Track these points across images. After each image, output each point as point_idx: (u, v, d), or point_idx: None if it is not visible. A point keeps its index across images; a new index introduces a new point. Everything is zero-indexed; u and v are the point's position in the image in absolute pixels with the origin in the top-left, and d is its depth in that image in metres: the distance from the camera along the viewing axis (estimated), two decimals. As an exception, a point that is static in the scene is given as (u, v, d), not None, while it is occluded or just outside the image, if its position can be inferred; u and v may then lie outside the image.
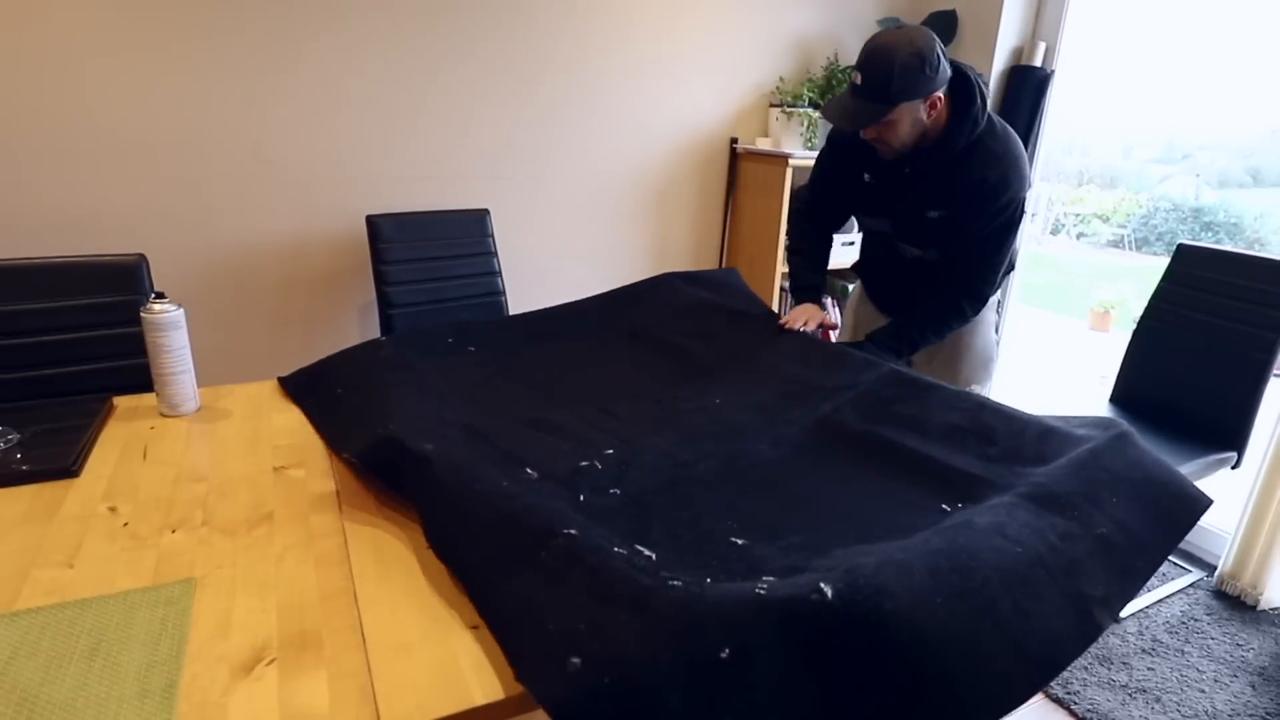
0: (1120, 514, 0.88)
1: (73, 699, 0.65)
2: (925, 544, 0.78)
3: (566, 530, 0.81)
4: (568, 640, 0.68)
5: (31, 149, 1.78)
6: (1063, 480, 0.91)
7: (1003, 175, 1.42)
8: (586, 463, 1.04)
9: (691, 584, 0.74)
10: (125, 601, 0.78)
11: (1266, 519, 1.98)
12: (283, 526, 0.93)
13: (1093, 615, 0.76)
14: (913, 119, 1.37)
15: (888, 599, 0.69)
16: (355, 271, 2.22)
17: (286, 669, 0.70)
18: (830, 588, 0.70)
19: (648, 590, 0.72)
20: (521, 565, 0.79)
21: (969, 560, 0.76)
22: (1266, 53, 2.37)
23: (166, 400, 1.24)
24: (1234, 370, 1.95)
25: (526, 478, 0.98)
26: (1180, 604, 2.03)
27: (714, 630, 0.67)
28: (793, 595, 0.70)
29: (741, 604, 0.69)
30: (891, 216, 1.60)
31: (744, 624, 0.67)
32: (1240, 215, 2.94)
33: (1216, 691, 1.71)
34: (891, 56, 1.30)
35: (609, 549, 0.80)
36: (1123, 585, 0.81)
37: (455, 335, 1.50)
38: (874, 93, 1.34)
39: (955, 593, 0.72)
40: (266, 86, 1.97)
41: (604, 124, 2.47)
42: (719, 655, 0.65)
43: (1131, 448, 0.99)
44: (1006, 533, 0.80)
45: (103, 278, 1.49)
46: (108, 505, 0.97)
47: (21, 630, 0.73)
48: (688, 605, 0.69)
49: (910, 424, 1.13)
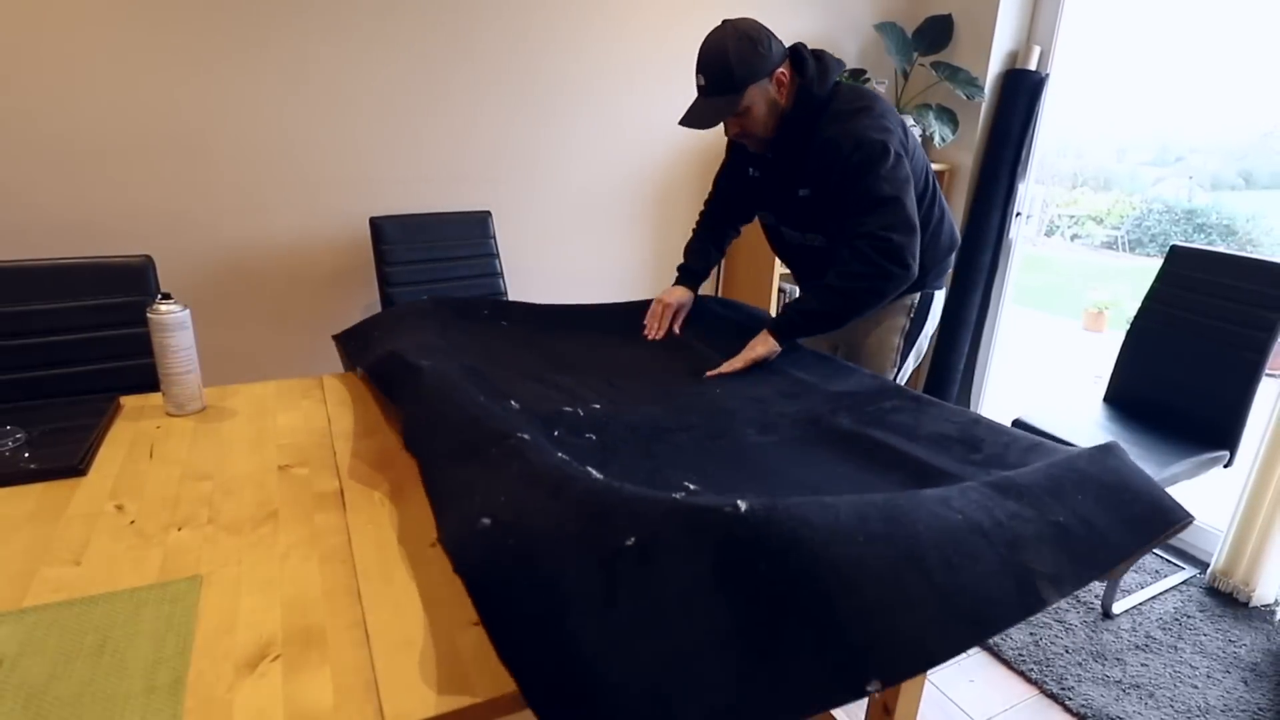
0: (1083, 509, 0.85)
1: (80, 695, 0.65)
2: (861, 497, 0.76)
3: (520, 434, 0.86)
4: (486, 506, 0.72)
5: (41, 152, 1.78)
6: (1028, 475, 0.89)
7: (845, 129, 1.37)
8: (570, 409, 1.09)
9: (614, 480, 0.75)
10: (132, 599, 0.78)
11: (1258, 517, 1.98)
12: (287, 525, 0.93)
13: (1036, 587, 0.73)
14: (766, 102, 1.38)
15: (804, 526, 0.68)
16: (359, 272, 2.22)
17: (291, 665, 0.70)
18: (746, 504, 0.69)
19: (570, 479, 0.74)
20: (471, 456, 0.83)
21: (902, 515, 0.74)
22: (1258, 57, 2.37)
23: (173, 400, 1.24)
24: (1226, 370, 1.95)
25: (508, 406, 1.04)
26: (1173, 601, 2.03)
27: (622, 518, 0.67)
28: (707, 504, 0.70)
29: (655, 502, 0.70)
30: (772, 206, 1.60)
31: (653, 520, 0.68)
32: (1232, 217, 2.94)
33: (1209, 687, 1.71)
34: (724, 47, 1.33)
35: (554, 453, 0.83)
36: (1077, 569, 0.77)
37: (491, 309, 1.59)
38: (720, 86, 1.35)
39: (879, 536, 0.70)
40: (272, 91, 1.97)
41: (604, 128, 2.47)
42: (624, 542, 0.65)
43: (1113, 457, 0.96)
44: (951, 504, 0.78)
45: (110, 279, 1.49)
46: (114, 504, 0.97)
47: (29, 627, 0.73)
48: (601, 494, 0.71)
49: (900, 429, 1.12)
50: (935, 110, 2.65)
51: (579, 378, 1.27)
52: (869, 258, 1.37)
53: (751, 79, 1.34)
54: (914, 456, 1.03)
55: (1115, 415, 2.13)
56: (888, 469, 1.01)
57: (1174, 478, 1.84)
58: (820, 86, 1.39)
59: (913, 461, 1.02)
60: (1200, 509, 2.29)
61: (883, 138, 1.36)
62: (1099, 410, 2.17)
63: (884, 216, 1.37)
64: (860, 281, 1.39)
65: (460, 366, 1.13)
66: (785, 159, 1.48)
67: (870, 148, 1.35)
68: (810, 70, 1.39)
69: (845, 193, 1.39)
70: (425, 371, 1.06)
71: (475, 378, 1.11)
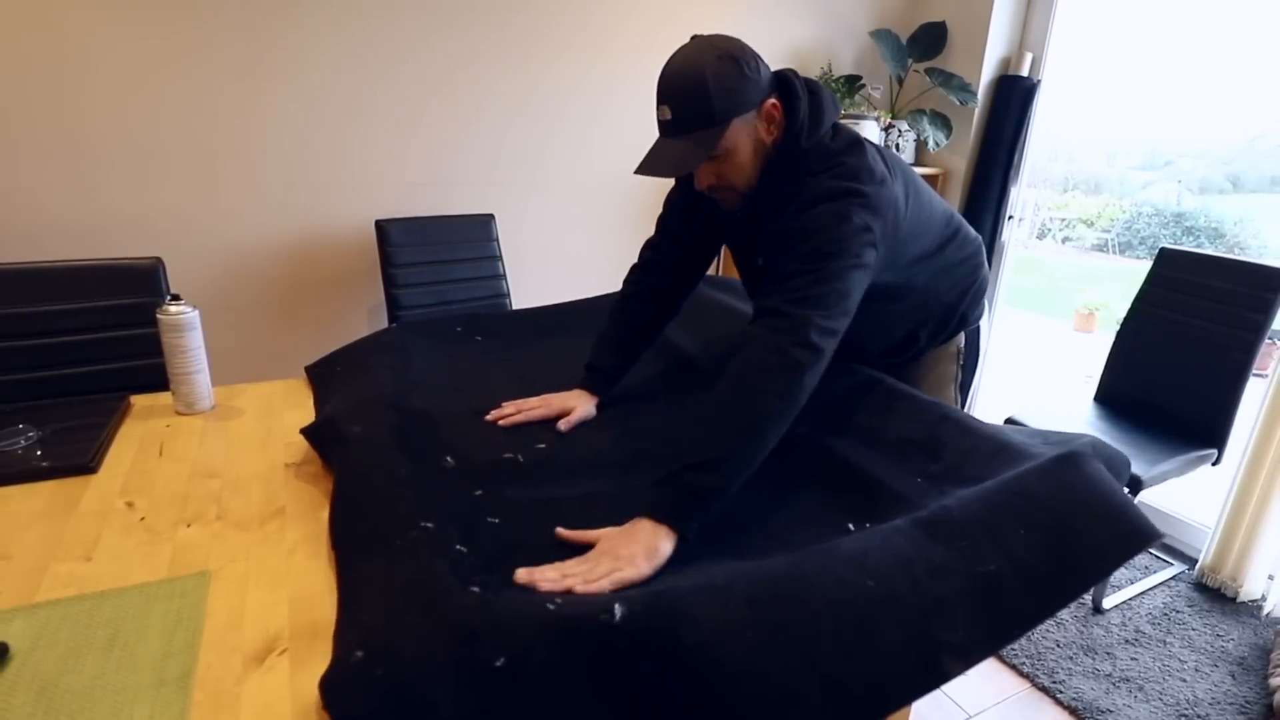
0: (1022, 549, 0.76)
1: (91, 687, 0.65)
2: (766, 570, 0.71)
3: (425, 524, 0.80)
4: (364, 632, 0.67)
5: (55, 157, 1.78)
6: (968, 505, 0.80)
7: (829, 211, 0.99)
8: (510, 455, 1.03)
9: (488, 592, 0.70)
10: (142, 593, 0.78)
11: (1245, 514, 1.98)
12: (294, 521, 0.93)
13: (940, 662, 0.67)
14: (753, 141, 1.02)
15: (687, 624, 0.64)
16: (365, 274, 2.22)
17: (298, 659, 0.70)
18: (622, 609, 0.65)
19: (445, 593, 0.69)
20: (377, 550, 0.78)
21: (804, 591, 0.69)
22: (1246, 63, 2.37)
23: (182, 399, 1.24)
24: (1214, 370, 1.95)
25: (443, 465, 0.98)
26: (1162, 596, 2.03)
27: (492, 638, 0.64)
28: (580, 614, 0.66)
29: (526, 617, 0.66)
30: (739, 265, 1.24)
31: (525, 636, 0.64)
32: (1220, 220, 2.94)
33: (1198, 681, 1.71)
34: (700, 70, 0.96)
35: (453, 546, 0.78)
36: (992, 634, 0.70)
37: (464, 325, 1.51)
38: (692, 121, 0.97)
39: (773, 624, 0.66)
40: (279, 98, 1.97)
41: (604, 132, 2.47)
42: (493, 664, 0.62)
43: (1072, 470, 0.83)
44: (866, 564, 0.72)
45: (121, 280, 1.49)
46: (125, 500, 0.97)
47: (42, 621, 0.73)
48: (474, 611, 0.67)
49: (862, 432, 1.05)
50: (929, 115, 2.65)
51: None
52: (772, 344, 0.93)
53: (736, 111, 0.98)
54: (867, 473, 0.97)
55: (1106, 414, 2.13)
56: (837, 492, 0.96)
57: (1163, 475, 1.84)
58: (809, 136, 1.03)
59: (864, 482, 0.96)
60: (1188, 506, 2.29)
61: (864, 220, 0.99)
62: (1090, 409, 2.17)
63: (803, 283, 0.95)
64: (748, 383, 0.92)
65: (400, 423, 1.05)
66: (749, 217, 1.11)
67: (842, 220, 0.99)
68: (801, 111, 1.03)
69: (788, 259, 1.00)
70: (352, 443, 0.97)
71: (419, 429, 1.05)
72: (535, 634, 0.64)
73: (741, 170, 1.03)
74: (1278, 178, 2.69)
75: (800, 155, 1.03)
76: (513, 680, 0.61)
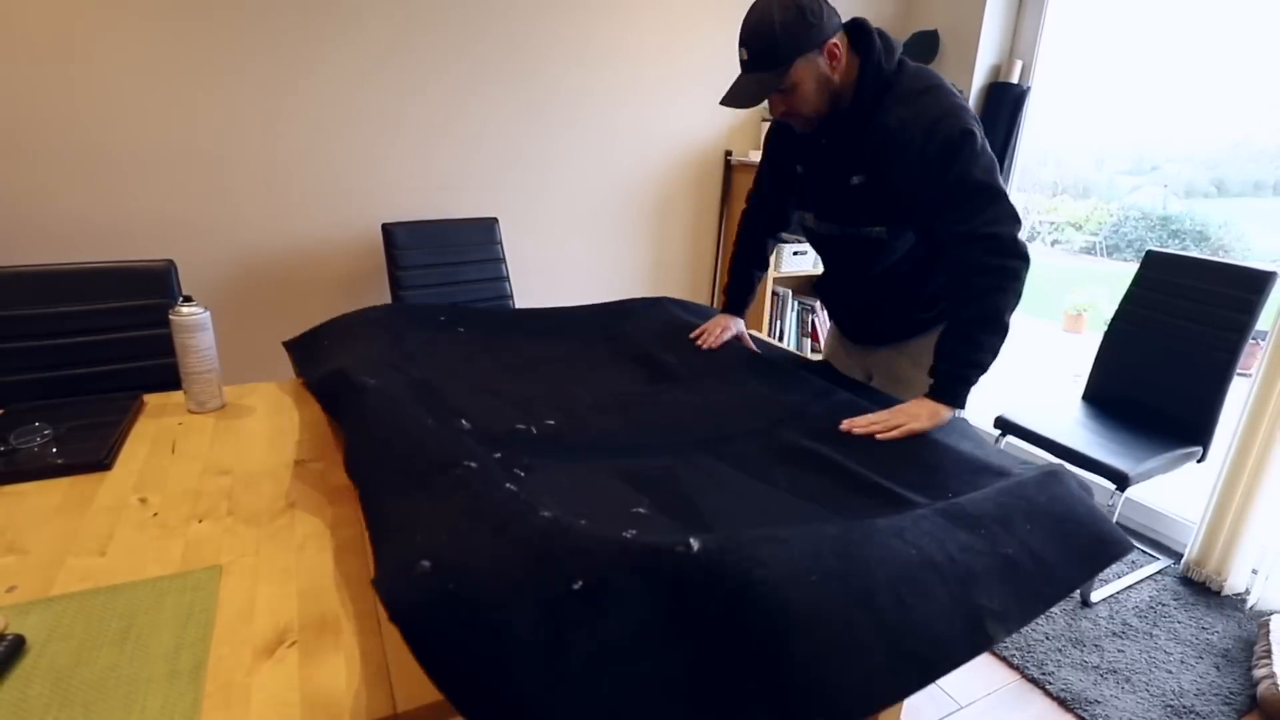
0: (1032, 541, 0.80)
1: (105, 678, 0.65)
2: (816, 530, 0.72)
3: (468, 462, 0.78)
4: (427, 547, 0.65)
5: (69, 162, 1.78)
6: (979, 503, 0.83)
7: (915, 111, 1.17)
8: (524, 426, 1.01)
9: (563, 518, 0.68)
10: (155, 587, 0.78)
11: (1230, 510, 1.98)
12: (303, 517, 0.93)
13: (984, 626, 0.68)
14: (816, 77, 1.17)
15: (758, 566, 0.63)
16: (371, 276, 2.22)
17: (307, 651, 0.70)
18: (698, 542, 0.64)
19: (516, 514, 0.68)
20: (415, 487, 0.76)
21: (857, 549, 0.69)
22: (1230, 70, 2.37)
23: (194, 398, 1.24)
24: (1199, 370, 1.95)
25: (458, 426, 0.95)
26: (1149, 589, 2.03)
27: (569, 561, 0.62)
28: (658, 544, 0.64)
29: (603, 542, 0.64)
30: (815, 201, 1.37)
31: (602, 561, 0.62)
32: (1205, 224, 2.94)
33: (1183, 672, 1.71)
34: (769, 16, 1.13)
35: (501, 483, 0.75)
36: (1022, 607, 0.73)
37: (448, 314, 1.49)
38: (764, 60, 1.15)
39: (833, 574, 0.66)
40: (289, 103, 1.98)
41: (606, 137, 2.47)
42: (571, 586, 0.60)
43: (1058, 484, 0.90)
44: (905, 536, 0.73)
45: (134, 282, 1.49)
46: (138, 497, 0.97)
47: (57, 614, 0.73)
48: (548, 534, 0.65)
49: (855, 446, 1.06)
50: (922, 121, 2.65)
51: (535, 388, 1.17)
52: (985, 265, 1.15)
53: (798, 52, 1.14)
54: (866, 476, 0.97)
55: (1094, 413, 2.14)
56: (840, 492, 0.95)
57: (1149, 472, 1.84)
58: (888, 62, 1.19)
59: (866, 482, 0.96)
60: (1174, 502, 2.29)
61: (962, 122, 1.14)
62: (1078, 408, 2.17)
63: (983, 210, 1.15)
64: (991, 297, 1.15)
65: (410, 382, 1.05)
66: (838, 143, 1.27)
67: (950, 133, 1.14)
68: (877, 47, 1.19)
69: (924, 186, 1.17)
70: (370, 391, 0.96)
71: (426, 394, 1.03)
72: (613, 559, 0.63)
73: (807, 100, 1.20)
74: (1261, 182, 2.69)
75: (884, 80, 1.20)
76: (588, 603, 0.60)
